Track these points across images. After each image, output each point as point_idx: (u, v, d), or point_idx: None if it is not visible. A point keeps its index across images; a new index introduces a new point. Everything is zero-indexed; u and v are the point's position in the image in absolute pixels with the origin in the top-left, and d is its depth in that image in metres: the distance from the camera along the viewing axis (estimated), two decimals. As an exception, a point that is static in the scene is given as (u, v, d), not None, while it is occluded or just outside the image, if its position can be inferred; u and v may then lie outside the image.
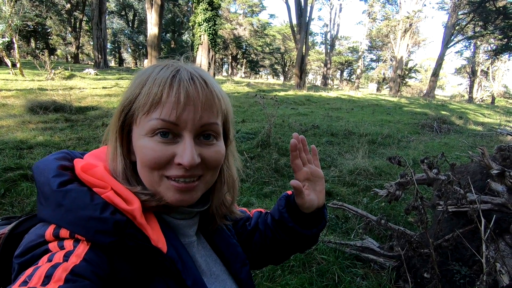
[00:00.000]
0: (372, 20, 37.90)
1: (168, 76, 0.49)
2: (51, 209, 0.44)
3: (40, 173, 0.49)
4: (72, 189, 0.45)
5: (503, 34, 18.93)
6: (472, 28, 26.37)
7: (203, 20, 17.94)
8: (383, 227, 2.11)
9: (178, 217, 0.56)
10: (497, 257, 1.48)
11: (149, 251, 0.46)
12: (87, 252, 0.42)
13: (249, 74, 49.18)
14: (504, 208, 1.90)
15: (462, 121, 11.37)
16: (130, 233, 0.45)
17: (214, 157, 0.52)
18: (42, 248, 0.42)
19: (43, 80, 11.22)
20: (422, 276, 1.98)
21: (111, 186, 0.48)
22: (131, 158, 0.53)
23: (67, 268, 0.38)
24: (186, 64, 0.54)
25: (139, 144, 0.50)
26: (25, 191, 3.27)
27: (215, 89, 0.52)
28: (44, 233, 0.43)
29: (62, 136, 5.51)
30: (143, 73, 0.53)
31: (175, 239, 0.53)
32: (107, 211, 0.44)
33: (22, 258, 0.41)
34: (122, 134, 0.53)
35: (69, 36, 30.99)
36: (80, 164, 0.50)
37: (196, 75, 0.51)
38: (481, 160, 2.09)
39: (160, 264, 0.47)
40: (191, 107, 0.48)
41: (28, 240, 0.43)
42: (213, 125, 0.51)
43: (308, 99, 15.66)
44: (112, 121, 0.54)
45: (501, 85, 37.77)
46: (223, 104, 0.54)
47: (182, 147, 0.49)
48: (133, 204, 0.47)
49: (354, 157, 5.55)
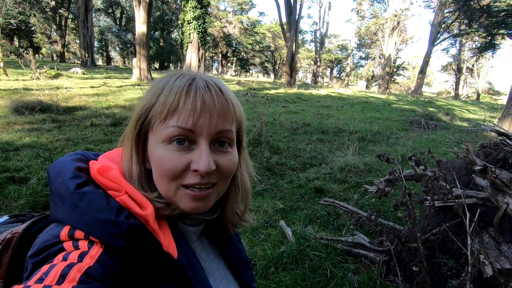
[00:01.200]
0: (360, 18, 38.28)
1: (185, 85, 0.50)
2: (67, 210, 0.45)
3: (56, 174, 0.49)
4: (89, 192, 0.46)
5: (487, 32, 19.39)
6: (457, 26, 26.91)
7: (192, 18, 17.79)
8: (373, 222, 2.16)
9: (188, 223, 0.57)
10: (480, 249, 1.55)
11: (160, 256, 0.47)
12: (100, 255, 0.42)
13: (240, 72, 49.04)
14: (488, 202, 1.97)
15: (448, 118, 11.64)
16: (143, 238, 0.45)
17: (228, 165, 0.53)
18: (58, 247, 0.43)
19: (28, 79, 10.93)
20: (411, 270, 2.04)
21: (125, 189, 0.49)
22: (146, 165, 0.54)
23: (81, 269, 0.39)
24: (201, 73, 0.55)
25: (156, 153, 0.50)
26: (13, 194, 3.19)
27: (230, 97, 0.54)
28: (59, 233, 0.44)
29: (49, 137, 5.39)
30: (158, 82, 0.54)
31: (185, 245, 0.54)
32: (122, 215, 0.45)
33: (37, 258, 0.42)
34: (138, 141, 0.53)
35: (55, 34, 30.20)
36: (97, 166, 0.50)
37: (211, 83, 0.52)
38: (466, 156, 2.16)
39: (170, 269, 0.48)
40: (207, 114, 0.49)
41: (43, 240, 0.44)
42: (228, 132, 0.52)
43: (298, 97, 15.74)
44: (128, 129, 0.55)
45: (486, 82, 38.73)
46: (237, 112, 0.55)
47: (198, 153, 0.49)
48: (147, 209, 0.48)
49: (345, 154, 5.63)
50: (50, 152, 4.66)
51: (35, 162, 4.13)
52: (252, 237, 2.88)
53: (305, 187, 4.27)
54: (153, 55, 34.54)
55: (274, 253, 2.53)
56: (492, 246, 1.75)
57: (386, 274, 2.29)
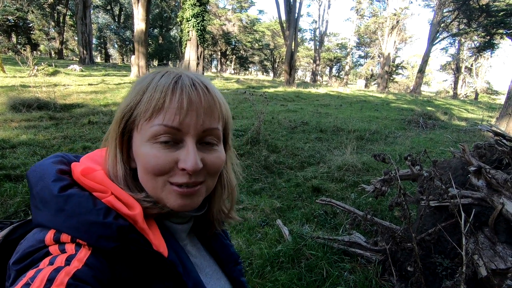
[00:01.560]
0: (360, 17, 38.21)
1: (170, 82, 0.50)
2: (51, 214, 0.44)
3: (37, 178, 0.48)
4: (74, 194, 0.45)
5: (486, 32, 19.42)
6: (456, 25, 26.93)
7: (191, 16, 17.70)
8: (370, 222, 2.16)
9: (176, 221, 0.57)
10: (475, 250, 1.55)
11: (150, 256, 0.46)
12: (88, 257, 0.41)
13: (239, 70, 48.92)
14: (484, 202, 1.98)
15: (446, 117, 11.67)
16: (133, 238, 0.45)
17: (215, 163, 0.53)
18: (43, 252, 0.41)
19: (26, 76, 10.87)
20: (406, 269, 2.04)
21: (111, 190, 0.48)
22: (131, 164, 0.53)
23: (69, 273, 0.38)
24: (186, 71, 0.55)
25: (141, 151, 0.50)
26: (9, 192, 3.18)
27: (216, 95, 0.53)
28: (43, 238, 0.43)
29: (46, 134, 5.37)
30: (143, 79, 0.53)
31: (175, 243, 0.54)
32: (110, 216, 0.44)
33: (21, 264, 0.41)
34: (122, 140, 0.53)
35: (53, 31, 30.03)
36: (80, 168, 0.49)
37: (197, 81, 0.52)
38: (462, 156, 2.16)
39: (161, 268, 0.47)
40: (193, 112, 0.49)
41: (27, 246, 0.42)
42: (214, 130, 0.52)
43: (297, 96, 15.73)
44: (111, 128, 0.54)
45: (484, 81, 38.83)
46: (223, 110, 0.55)
47: (185, 152, 0.49)
48: (135, 209, 0.47)
49: (343, 153, 5.64)
50: (47, 149, 4.64)
51: (32, 160, 4.11)
52: (249, 236, 2.88)
53: (302, 186, 4.28)
54: (152, 53, 34.42)
55: (271, 252, 2.53)
56: (487, 246, 1.75)
57: (382, 274, 2.30)
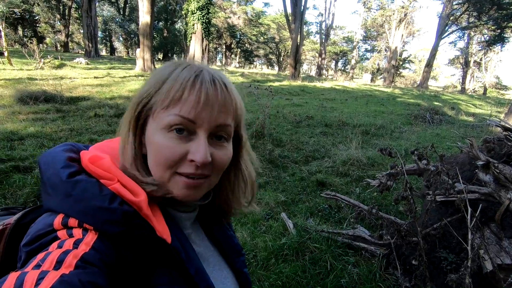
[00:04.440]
0: (367, 10, 37.58)
1: (191, 76, 0.51)
2: (60, 198, 0.46)
3: (47, 164, 0.50)
4: (81, 180, 0.47)
5: (497, 25, 19.01)
6: (466, 18, 26.36)
7: (196, 8, 17.60)
8: (374, 216, 2.16)
9: (180, 209, 0.58)
10: (481, 244, 1.54)
11: (154, 242, 0.48)
12: (95, 241, 0.43)
13: (243, 64, 48.65)
14: (491, 198, 1.96)
15: (454, 112, 11.51)
16: (137, 224, 0.46)
17: (222, 159, 0.54)
18: (51, 236, 0.43)
19: (32, 69, 10.96)
20: (410, 263, 2.05)
21: (117, 178, 0.49)
22: (142, 150, 0.55)
23: (77, 255, 0.40)
24: (207, 66, 0.56)
25: (154, 139, 0.51)
26: (18, 182, 3.24)
27: (233, 93, 0.55)
28: (52, 222, 0.44)
29: (53, 127, 5.43)
30: (164, 68, 0.55)
31: (178, 231, 0.55)
32: (116, 202, 0.45)
33: (30, 246, 0.43)
34: (136, 125, 0.54)
35: (58, 24, 30.11)
36: (88, 156, 0.51)
37: (217, 77, 0.53)
38: (470, 151, 2.14)
39: (164, 254, 0.49)
40: (209, 107, 0.51)
41: (36, 229, 0.44)
42: (227, 126, 0.54)
43: (302, 90, 15.63)
44: (126, 113, 0.55)
45: (493, 76, 38.12)
46: (238, 109, 0.56)
47: (196, 144, 0.50)
48: (140, 196, 0.48)
49: (348, 147, 5.61)
50: (55, 142, 4.70)
51: (40, 152, 4.17)
52: (254, 228, 2.90)
53: (307, 180, 4.28)
54: (157, 46, 34.32)
55: (275, 245, 2.55)
56: (493, 242, 1.74)
57: (386, 267, 2.30)
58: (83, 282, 0.37)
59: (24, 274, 0.36)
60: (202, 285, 0.52)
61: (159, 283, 0.48)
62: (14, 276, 0.36)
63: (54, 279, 0.36)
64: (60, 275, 0.37)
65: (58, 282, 0.36)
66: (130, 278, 0.45)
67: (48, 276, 0.36)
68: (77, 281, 0.37)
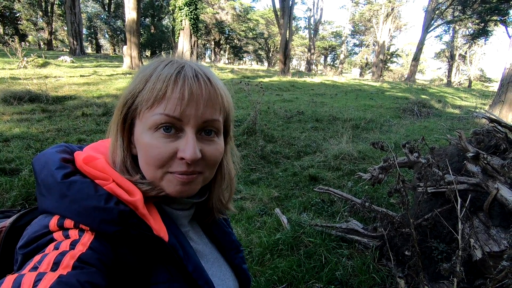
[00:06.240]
0: (355, 4, 37.82)
1: (173, 73, 0.50)
2: (55, 200, 0.45)
3: (42, 166, 0.49)
4: (76, 181, 0.46)
5: (480, 19, 19.43)
6: (451, 12, 26.84)
7: (184, 4, 17.32)
8: (367, 209, 2.19)
9: (177, 207, 0.58)
10: (471, 233, 1.59)
11: (151, 240, 0.48)
12: (92, 241, 0.43)
13: (233, 60, 48.35)
14: (479, 188, 2.02)
15: (441, 105, 11.74)
16: (134, 223, 0.46)
17: (213, 154, 0.54)
18: (47, 238, 0.43)
19: (15, 68, 10.62)
20: (403, 254, 2.09)
21: (112, 178, 0.49)
22: (132, 151, 0.55)
23: (74, 256, 0.40)
24: (190, 61, 0.55)
25: (142, 140, 0.51)
26: (4, 185, 3.15)
27: (218, 87, 0.54)
28: (48, 223, 0.44)
29: (40, 127, 5.29)
30: (147, 67, 0.54)
31: (175, 229, 0.55)
32: (112, 202, 0.45)
33: (27, 248, 0.42)
34: (124, 127, 0.54)
35: (41, 21, 29.18)
36: (82, 157, 0.51)
37: (200, 72, 0.52)
38: (458, 143, 2.19)
39: (162, 252, 0.49)
40: (194, 103, 0.50)
41: (32, 231, 0.44)
42: (215, 121, 0.53)
43: (292, 85, 15.66)
44: (114, 115, 0.55)
45: (478, 69, 39.09)
46: (225, 102, 0.55)
47: (185, 141, 0.50)
48: (135, 195, 0.48)
49: (339, 142, 5.66)
50: (41, 143, 4.58)
51: (26, 153, 4.06)
52: (248, 225, 2.91)
53: (299, 175, 4.31)
54: (144, 43, 33.69)
55: (270, 240, 2.57)
56: (482, 230, 1.80)
57: (379, 259, 2.35)
58: (81, 282, 0.37)
59: (21, 277, 0.36)
60: (201, 281, 0.52)
61: (158, 281, 0.48)
62: (11, 279, 0.35)
63: (52, 280, 0.36)
64: (58, 276, 0.37)
65: (56, 283, 0.36)
66: (128, 277, 0.45)
67: (45, 277, 0.36)
68: (75, 281, 0.37)
